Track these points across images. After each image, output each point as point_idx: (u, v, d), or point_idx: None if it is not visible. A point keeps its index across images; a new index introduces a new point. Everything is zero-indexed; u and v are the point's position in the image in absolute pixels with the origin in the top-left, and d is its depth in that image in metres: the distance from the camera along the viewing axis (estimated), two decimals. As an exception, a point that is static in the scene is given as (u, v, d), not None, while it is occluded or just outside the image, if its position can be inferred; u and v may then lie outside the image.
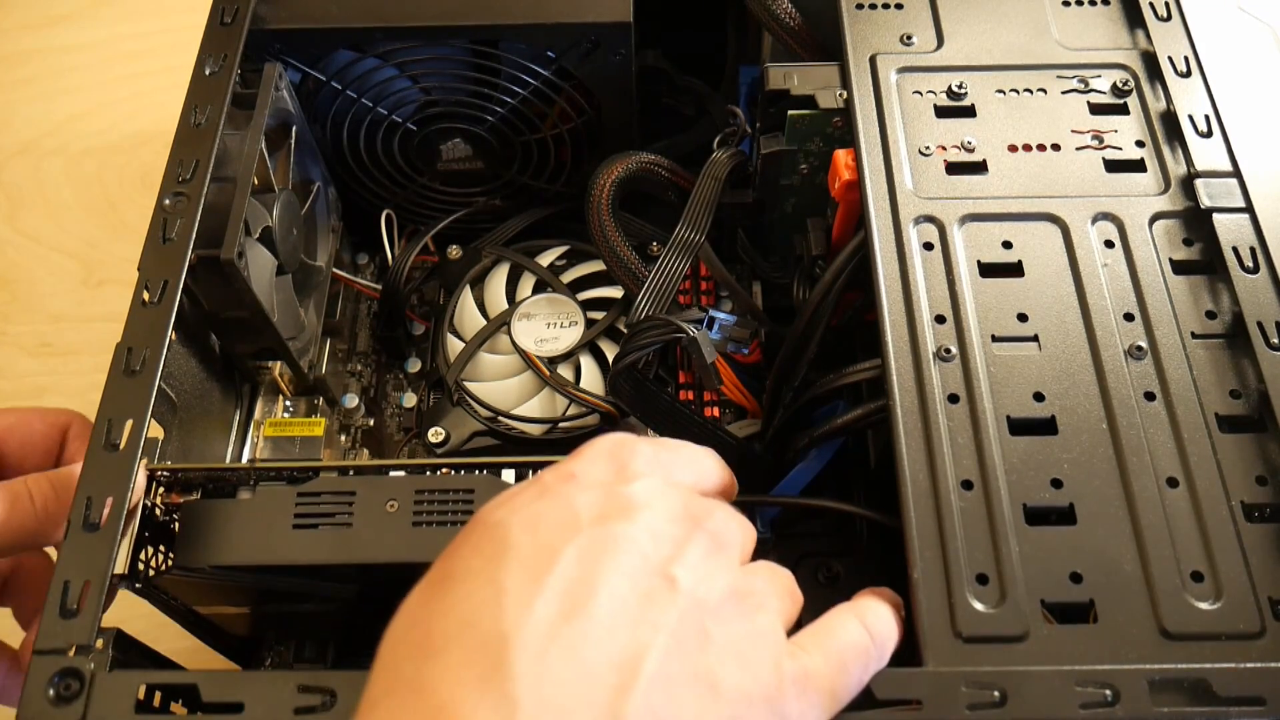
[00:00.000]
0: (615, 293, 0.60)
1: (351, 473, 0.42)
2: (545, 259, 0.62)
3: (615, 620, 0.29)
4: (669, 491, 0.34)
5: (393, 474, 0.42)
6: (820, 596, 0.52)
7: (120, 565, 0.38)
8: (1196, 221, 0.45)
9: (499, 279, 0.61)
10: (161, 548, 0.42)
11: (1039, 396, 0.40)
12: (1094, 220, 0.45)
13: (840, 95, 0.50)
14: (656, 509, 0.33)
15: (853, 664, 0.33)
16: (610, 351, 0.58)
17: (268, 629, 0.50)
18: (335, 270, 0.61)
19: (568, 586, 0.29)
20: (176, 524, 0.42)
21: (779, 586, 0.34)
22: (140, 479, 0.39)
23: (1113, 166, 0.47)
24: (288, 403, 0.57)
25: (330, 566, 0.41)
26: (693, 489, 0.36)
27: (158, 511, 0.42)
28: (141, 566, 0.41)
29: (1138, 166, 0.47)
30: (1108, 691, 0.33)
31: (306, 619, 0.47)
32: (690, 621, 0.30)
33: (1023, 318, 0.42)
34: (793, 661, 0.32)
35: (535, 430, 0.56)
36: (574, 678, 0.28)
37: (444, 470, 0.42)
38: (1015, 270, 0.44)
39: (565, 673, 0.28)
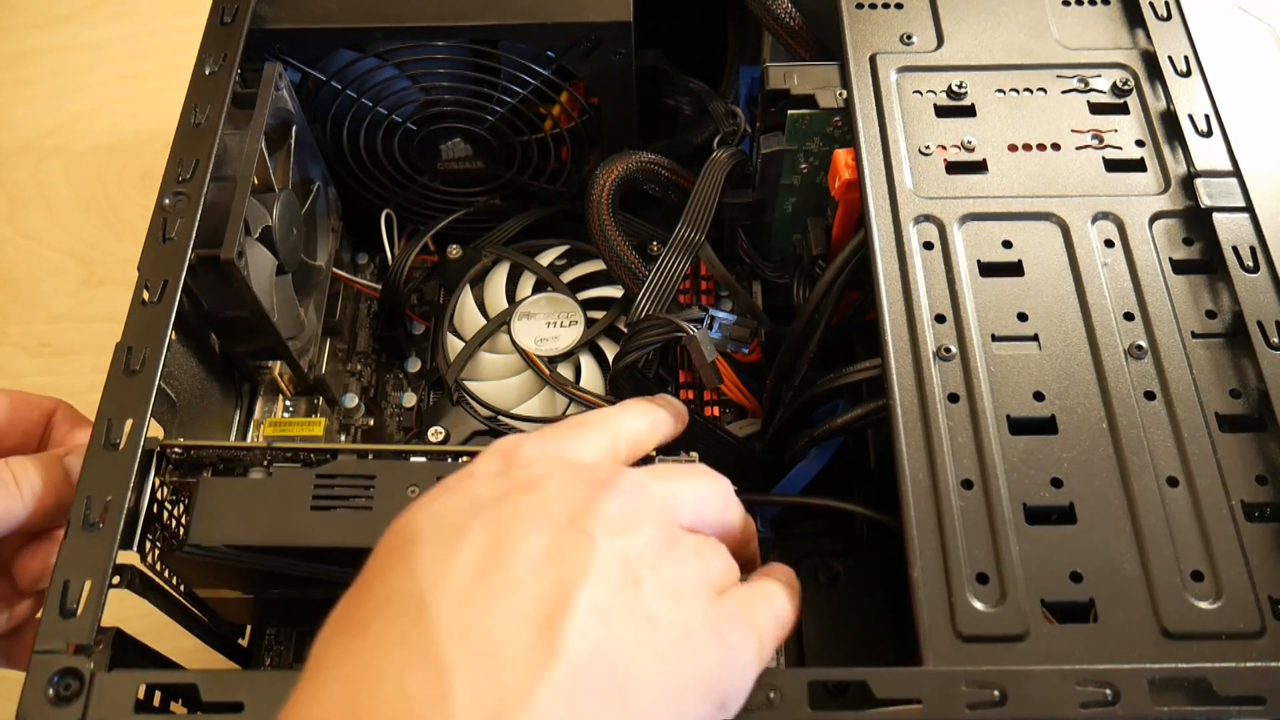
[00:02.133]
0: (615, 292, 0.60)
1: (370, 456, 0.42)
2: (545, 258, 0.62)
3: (535, 567, 0.29)
4: (567, 464, 0.33)
5: (414, 460, 0.42)
6: (820, 596, 0.52)
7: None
8: (1196, 221, 0.45)
9: (499, 278, 0.61)
10: (173, 519, 0.42)
11: (1039, 396, 0.40)
12: (1094, 220, 0.45)
13: (840, 95, 0.50)
14: (558, 479, 0.32)
15: (771, 625, 0.34)
16: (610, 351, 0.58)
17: (270, 616, 0.49)
18: (335, 270, 0.61)
19: (480, 551, 0.29)
20: (182, 505, 0.41)
21: (710, 547, 0.34)
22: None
23: (1113, 166, 0.47)
24: (288, 402, 0.57)
25: (349, 550, 0.40)
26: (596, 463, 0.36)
27: (165, 490, 0.41)
28: (148, 548, 0.41)
29: (1138, 166, 0.47)
30: (1108, 691, 0.33)
31: (310, 606, 0.47)
32: (615, 564, 0.30)
33: (1023, 317, 0.42)
34: (724, 602, 0.32)
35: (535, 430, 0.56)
36: (500, 619, 0.28)
37: (464, 459, 0.42)
38: (1015, 270, 0.44)
39: (489, 616, 0.28)
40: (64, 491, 0.40)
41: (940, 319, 0.42)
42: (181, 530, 0.41)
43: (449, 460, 0.42)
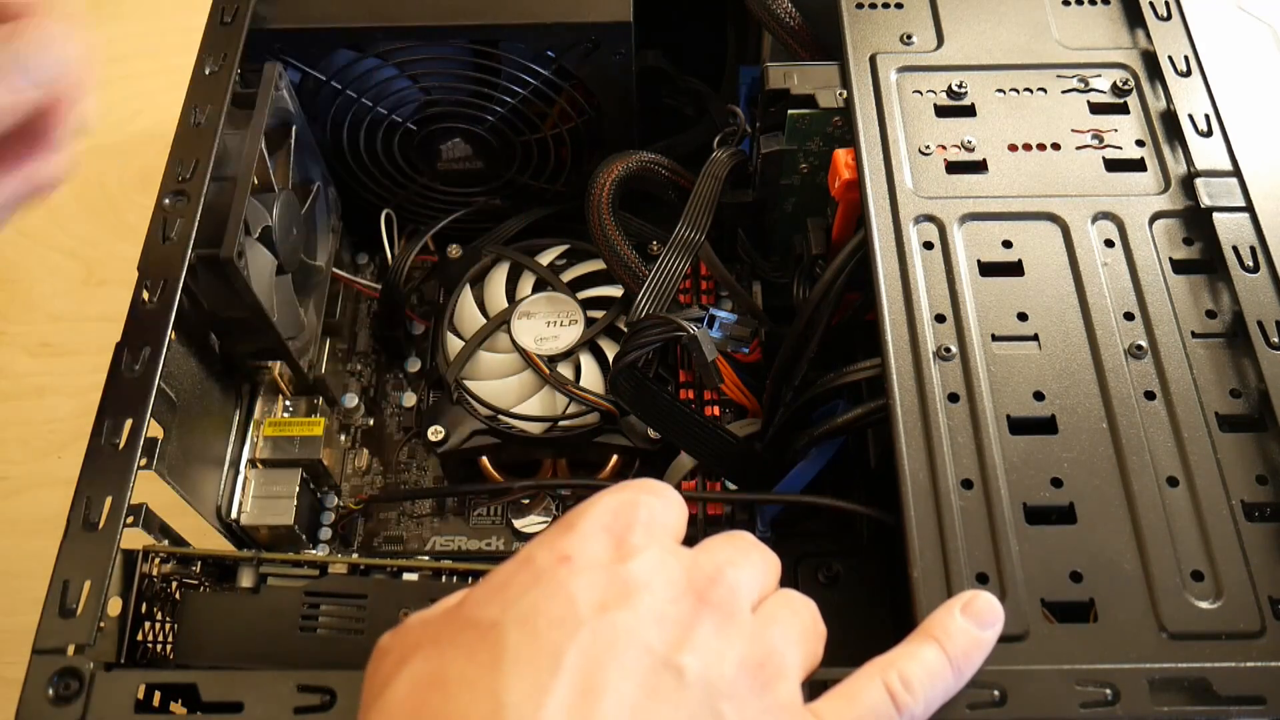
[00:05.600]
0: (615, 291, 0.60)
1: (362, 570, 0.41)
2: (545, 258, 0.62)
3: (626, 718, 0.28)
4: (670, 564, 0.32)
5: (406, 577, 0.41)
6: (820, 597, 0.52)
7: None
8: (1196, 221, 0.45)
9: (499, 278, 0.61)
10: (164, 621, 0.42)
11: (1039, 396, 0.40)
12: (1094, 219, 0.45)
13: (840, 94, 0.50)
14: (658, 589, 0.31)
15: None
16: (610, 350, 0.58)
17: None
18: (335, 270, 0.61)
19: (572, 697, 0.28)
20: (168, 611, 0.41)
21: (798, 630, 0.33)
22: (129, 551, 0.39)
23: (1113, 166, 0.47)
24: (287, 402, 0.57)
25: None
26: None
27: (158, 584, 0.42)
28: (150, 637, 0.41)
29: (1138, 166, 0.47)
30: (1108, 691, 0.33)
31: None
32: (703, 711, 0.29)
33: (1023, 317, 0.42)
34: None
35: (535, 429, 0.56)
36: None
37: (456, 579, 0.42)
38: (1015, 269, 0.44)
39: None
40: None
41: (940, 319, 0.42)
42: (169, 640, 0.41)
43: (442, 579, 0.42)
